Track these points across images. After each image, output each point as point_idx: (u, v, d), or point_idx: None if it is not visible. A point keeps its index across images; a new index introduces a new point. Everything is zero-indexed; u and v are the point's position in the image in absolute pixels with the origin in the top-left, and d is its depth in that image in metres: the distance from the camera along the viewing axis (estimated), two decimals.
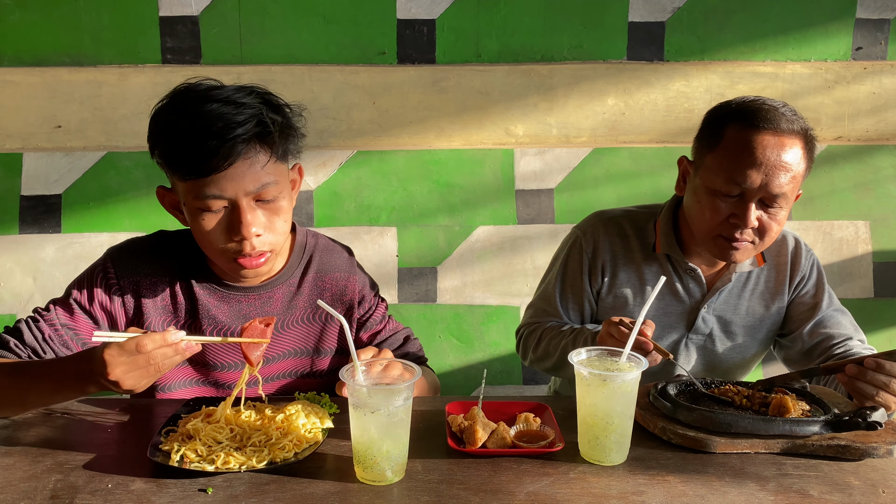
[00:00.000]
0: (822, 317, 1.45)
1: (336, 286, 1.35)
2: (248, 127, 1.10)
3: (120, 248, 1.29)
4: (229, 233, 1.15)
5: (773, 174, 1.25)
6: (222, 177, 1.10)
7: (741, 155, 1.27)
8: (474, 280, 2.44)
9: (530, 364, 1.57)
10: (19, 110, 2.30)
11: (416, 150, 2.39)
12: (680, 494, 0.94)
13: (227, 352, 1.30)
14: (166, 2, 2.28)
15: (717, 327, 1.48)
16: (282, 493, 0.93)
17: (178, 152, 1.11)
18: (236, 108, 1.10)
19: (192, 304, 1.27)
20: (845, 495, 0.95)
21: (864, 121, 2.41)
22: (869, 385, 1.12)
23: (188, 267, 1.28)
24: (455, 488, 0.95)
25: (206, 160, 1.08)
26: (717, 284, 1.46)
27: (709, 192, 1.31)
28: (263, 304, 1.30)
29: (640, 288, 1.49)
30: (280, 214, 1.18)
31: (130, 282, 1.25)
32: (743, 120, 1.29)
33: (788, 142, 1.26)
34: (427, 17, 2.33)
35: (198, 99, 1.11)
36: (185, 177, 1.12)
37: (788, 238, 1.50)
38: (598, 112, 2.39)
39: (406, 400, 0.97)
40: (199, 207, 1.13)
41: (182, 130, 1.10)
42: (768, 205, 1.29)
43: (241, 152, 1.10)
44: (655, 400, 1.18)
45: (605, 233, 1.50)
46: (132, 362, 0.97)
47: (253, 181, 1.12)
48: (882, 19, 2.36)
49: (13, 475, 0.98)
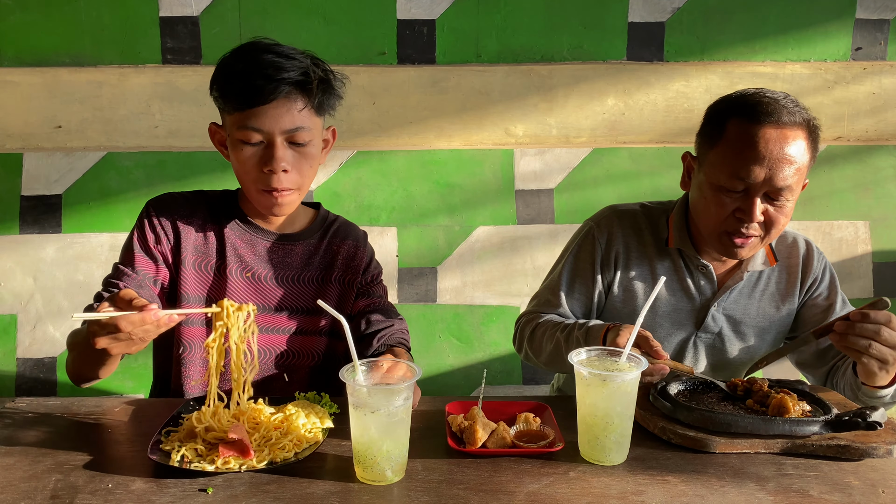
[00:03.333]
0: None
1: (348, 252, 1.47)
2: (293, 74, 1.25)
3: (158, 198, 1.42)
4: (262, 164, 1.28)
5: (777, 168, 1.24)
6: (263, 112, 1.25)
7: (744, 150, 1.25)
8: (474, 280, 2.44)
9: (524, 357, 1.55)
10: (19, 110, 2.30)
11: (416, 150, 2.40)
12: (680, 494, 0.94)
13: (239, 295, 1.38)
14: (166, 2, 2.28)
15: (727, 326, 1.47)
16: (282, 493, 0.93)
17: (230, 87, 1.27)
18: (287, 60, 1.26)
19: (221, 244, 1.40)
20: (845, 495, 0.95)
21: (864, 121, 2.41)
22: (859, 337, 1.13)
23: (220, 213, 1.41)
24: (455, 488, 0.95)
25: (252, 94, 1.24)
26: (728, 283, 1.44)
27: (713, 188, 1.31)
28: (285, 254, 1.43)
29: (652, 282, 1.47)
30: (308, 159, 1.32)
31: (168, 224, 1.38)
32: (744, 114, 1.28)
33: (791, 134, 1.25)
34: (427, 18, 2.33)
35: (258, 49, 1.27)
36: (233, 109, 1.27)
37: (800, 241, 1.49)
38: (598, 112, 2.39)
39: (406, 400, 0.97)
40: (241, 139, 1.27)
41: (238, 71, 1.26)
42: (773, 198, 1.27)
43: (283, 93, 1.24)
44: (655, 400, 1.18)
45: (619, 225, 1.49)
46: (114, 338, 1.04)
47: (289, 121, 1.26)
48: (882, 19, 2.36)
49: (13, 475, 0.98)
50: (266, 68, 1.24)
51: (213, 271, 1.39)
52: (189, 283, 1.37)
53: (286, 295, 1.42)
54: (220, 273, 1.39)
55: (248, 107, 1.25)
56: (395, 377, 1.04)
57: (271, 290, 1.41)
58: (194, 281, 1.37)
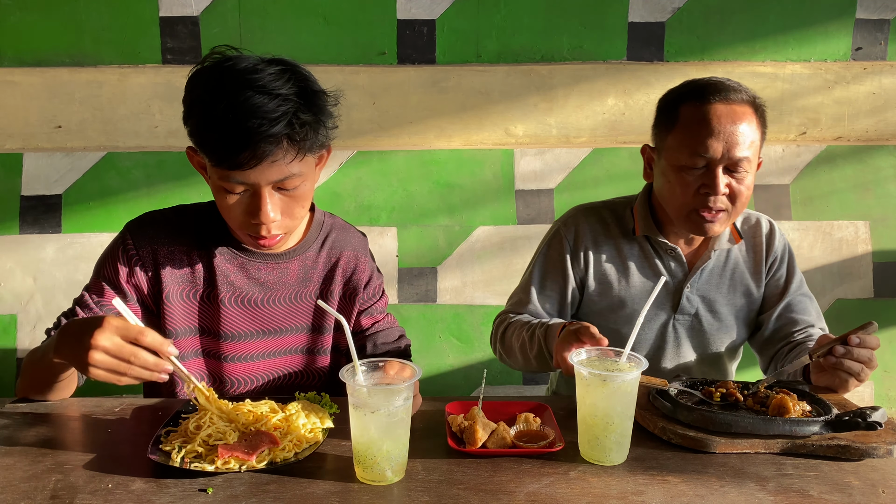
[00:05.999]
0: (789, 301, 1.51)
1: (348, 264, 1.40)
2: (279, 128, 1.09)
3: (138, 220, 1.31)
4: (248, 214, 1.18)
5: (732, 140, 1.32)
6: (247, 171, 1.12)
7: (699, 127, 1.33)
8: (474, 280, 2.44)
9: (499, 357, 1.58)
10: (19, 110, 2.30)
11: (416, 150, 2.39)
12: (680, 494, 0.94)
13: (235, 322, 1.32)
14: (166, 2, 2.28)
15: (703, 307, 1.51)
16: (282, 493, 0.93)
17: (208, 138, 1.12)
18: (272, 101, 1.09)
19: (209, 272, 1.30)
20: (845, 495, 0.95)
21: (864, 121, 2.41)
22: (855, 362, 1.18)
23: (206, 236, 1.30)
24: (455, 488, 0.95)
25: (233, 155, 1.10)
26: (697, 264, 1.50)
27: (676, 170, 1.37)
28: (281, 274, 1.34)
29: (623, 267, 1.52)
30: (300, 201, 1.21)
31: (149, 251, 1.27)
32: (694, 97, 1.36)
33: (739, 109, 1.33)
34: (427, 18, 2.33)
35: (236, 82, 1.10)
36: (211, 162, 1.14)
37: (763, 221, 1.56)
38: (598, 112, 2.39)
39: (406, 400, 0.97)
40: (224, 189, 1.16)
41: (215, 117, 1.09)
42: (733, 170, 1.34)
43: (269, 153, 1.10)
44: (655, 400, 1.18)
45: (585, 220, 1.54)
46: (119, 346, 0.97)
47: (277, 173, 1.14)
48: (882, 19, 2.36)
49: (13, 475, 0.98)
50: (247, 118, 1.07)
51: (202, 300, 1.31)
52: (176, 317, 1.28)
53: (285, 315, 1.35)
54: (211, 301, 1.30)
55: (228, 168, 1.11)
56: (402, 377, 1.03)
57: (269, 313, 1.34)
58: (182, 313, 1.29)
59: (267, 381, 1.38)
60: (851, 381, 1.22)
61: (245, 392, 1.36)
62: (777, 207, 2.43)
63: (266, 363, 1.36)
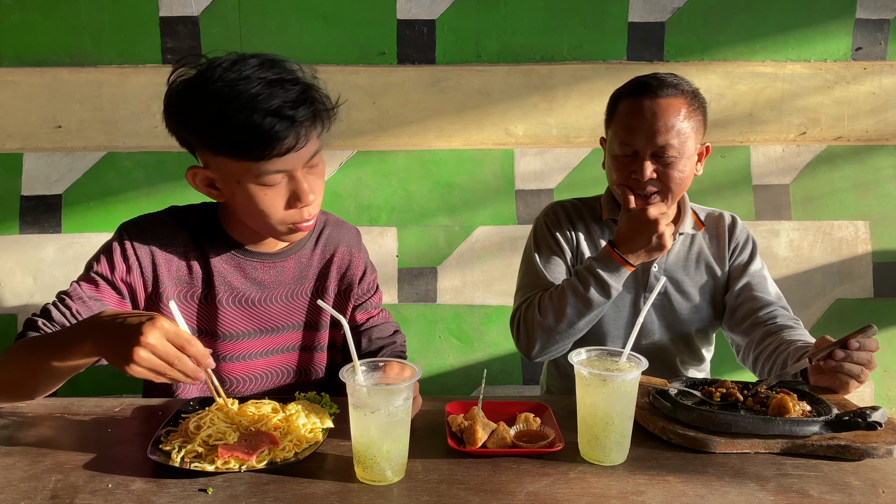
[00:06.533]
0: (749, 280, 1.59)
1: (342, 260, 1.41)
2: (305, 107, 1.11)
3: (133, 221, 1.30)
4: (290, 202, 1.18)
5: (653, 129, 1.43)
6: (287, 156, 1.12)
7: (628, 120, 1.47)
8: (474, 280, 2.44)
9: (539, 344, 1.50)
10: (19, 110, 2.30)
11: (416, 150, 2.40)
12: (680, 494, 0.94)
13: (233, 321, 1.32)
14: (166, 2, 2.28)
15: (671, 287, 1.61)
16: (282, 493, 0.93)
17: (243, 139, 1.10)
18: (281, 86, 1.10)
19: (206, 273, 1.30)
20: (845, 495, 0.95)
21: (864, 121, 2.41)
22: (855, 365, 1.22)
23: (202, 237, 1.31)
24: (455, 488, 0.95)
25: (274, 144, 1.09)
26: None
27: (612, 158, 1.52)
28: (278, 272, 1.35)
29: (596, 248, 1.63)
30: (321, 176, 1.24)
31: (146, 252, 1.27)
32: (629, 94, 1.49)
33: (665, 102, 1.44)
34: (427, 18, 2.33)
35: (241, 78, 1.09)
36: (242, 159, 1.12)
37: (726, 215, 1.67)
38: (598, 112, 2.37)
39: (406, 400, 0.97)
40: (262, 184, 1.15)
41: (241, 116, 1.08)
42: (660, 156, 1.45)
43: (307, 132, 1.13)
44: (655, 400, 1.18)
45: (560, 207, 1.68)
46: (166, 349, 0.96)
47: (308, 151, 1.16)
48: (882, 19, 2.36)
49: (13, 475, 0.98)
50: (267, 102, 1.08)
51: (200, 301, 1.31)
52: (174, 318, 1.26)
53: (282, 313, 1.36)
54: (209, 302, 1.30)
55: (274, 156, 1.11)
56: (402, 378, 1.03)
57: (266, 312, 1.35)
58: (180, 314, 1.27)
59: (265, 380, 1.38)
60: (852, 382, 1.24)
61: (243, 391, 1.37)
62: (777, 207, 2.44)
63: (264, 361, 1.37)
